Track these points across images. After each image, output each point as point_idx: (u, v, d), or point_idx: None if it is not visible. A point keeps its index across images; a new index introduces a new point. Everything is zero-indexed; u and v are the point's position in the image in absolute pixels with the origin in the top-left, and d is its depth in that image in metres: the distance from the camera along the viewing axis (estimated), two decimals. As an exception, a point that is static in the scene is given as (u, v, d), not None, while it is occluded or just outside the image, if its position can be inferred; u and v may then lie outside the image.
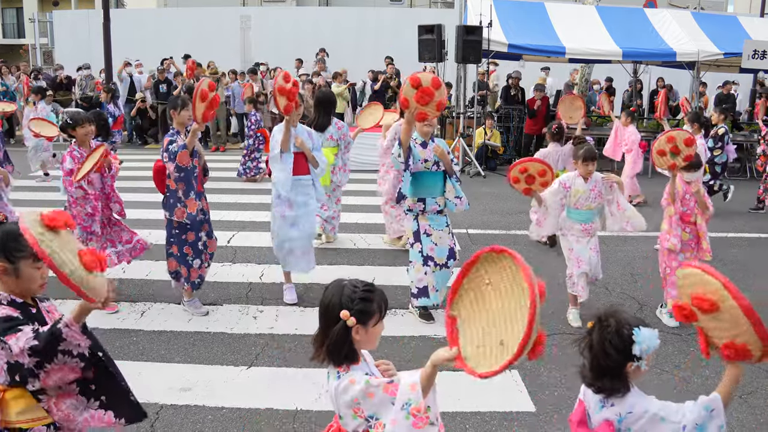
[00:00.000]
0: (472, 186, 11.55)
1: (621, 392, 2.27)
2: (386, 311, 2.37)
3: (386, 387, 2.20)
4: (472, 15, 13.24)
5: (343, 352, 2.28)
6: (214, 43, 19.51)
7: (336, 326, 2.26)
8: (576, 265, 5.56)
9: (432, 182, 5.45)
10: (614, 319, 2.29)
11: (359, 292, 2.28)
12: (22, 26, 38.84)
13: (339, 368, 2.29)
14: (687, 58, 13.20)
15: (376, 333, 2.34)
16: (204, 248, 5.51)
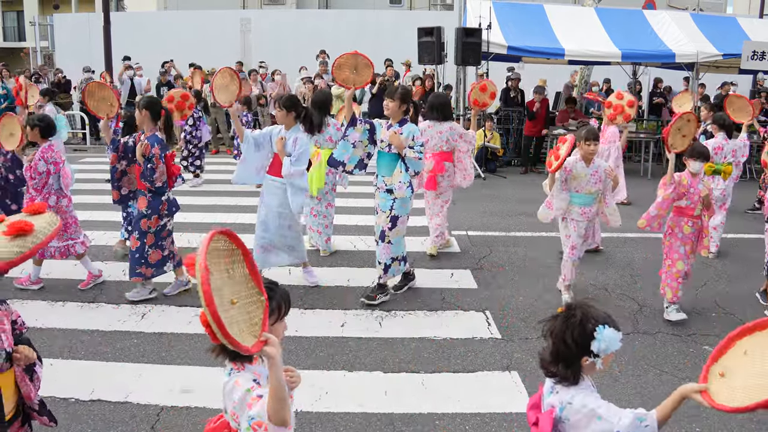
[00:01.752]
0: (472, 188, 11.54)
1: (569, 382, 2.30)
2: (287, 311, 2.29)
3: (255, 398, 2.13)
4: (472, 17, 13.27)
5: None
6: (214, 46, 19.51)
7: None
8: (569, 252, 5.85)
9: (384, 162, 5.92)
10: (581, 311, 2.33)
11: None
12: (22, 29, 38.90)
13: (233, 364, 2.23)
14: (686, 59, 13.21)
15: (275, 332, 2.22)
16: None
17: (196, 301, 5.78)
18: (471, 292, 6.20)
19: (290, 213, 6.09)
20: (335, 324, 5.39)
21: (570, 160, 5.69)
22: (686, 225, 5.57)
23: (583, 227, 5.87)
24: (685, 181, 5.53)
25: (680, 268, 5.56)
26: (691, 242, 5.60)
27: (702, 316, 5.72)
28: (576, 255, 5.88)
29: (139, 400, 4.11)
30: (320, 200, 7.23)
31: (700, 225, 5.61)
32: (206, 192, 10.77)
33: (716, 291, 6.42)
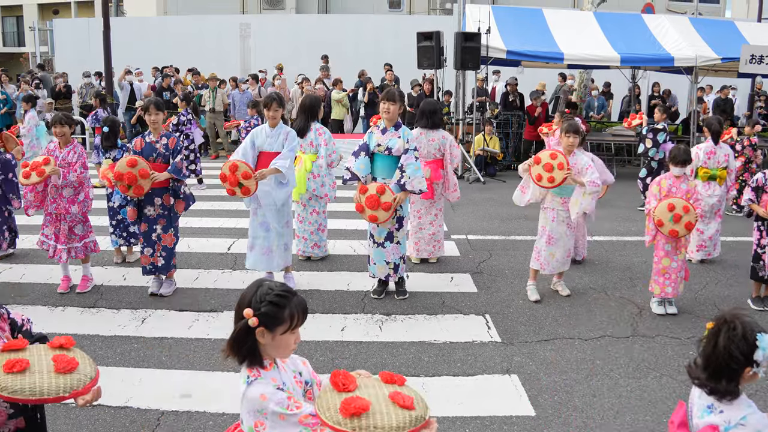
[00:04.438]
0: (472, 192, 11.58)
1: (732, 396, 2.24)
2: (301, 322, 2.29)
3: (302, 419, 2.15)
4: (471, 22, 13.29)
5: (243, 352, 2.23)
6: (214, 51, 19.57)
7: (241, 322, 2.21)
8: (547, 241, 6.09)
9: (383, 164, 6.01)
10: (740, 323, 2.26)
11: (271, 295, 2.22)
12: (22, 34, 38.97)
13: (249, 371, 2.25)
14: (685, 63, 13.23)
15: (285, 342, 2.26)
16: (158, 240, 6.01)
17: (196, 306, 5.82)
18: (471, 296, 6.20)
19: (288, 209, 6.27)
20: (335, 328, 5.40)
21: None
22: None
23: (563, 217, 6.06)
24: (665, 183, 5.76)
25: (665, 264, 5.75)
26: (676, 240, 5.74)
27: (701, 319, 5.72)
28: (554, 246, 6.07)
29: (139, 405, 4.11)
30: (305, 206, 7.23)
31: None
32: (205, 196, 10.78)
33: (715, 294, 6.43)
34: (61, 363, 2.21)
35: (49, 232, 6.17)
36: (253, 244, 6.23)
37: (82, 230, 6.22)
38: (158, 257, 6.04)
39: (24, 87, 16.87)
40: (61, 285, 6.16)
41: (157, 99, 6.23)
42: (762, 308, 5.98)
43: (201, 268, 6.91)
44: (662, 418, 4.04)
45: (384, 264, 6.03)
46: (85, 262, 6.28)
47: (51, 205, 6.12)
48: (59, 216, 6.13)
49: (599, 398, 4.30)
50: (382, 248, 6.01)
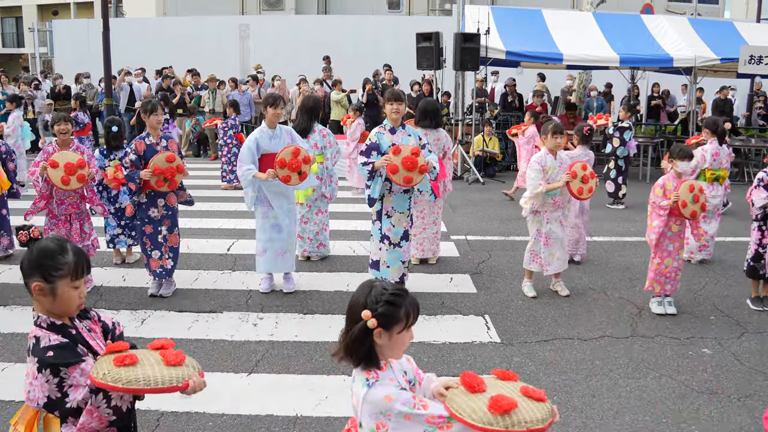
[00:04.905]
0: (471, 193, 11.59)
1: None
2: (415, 320, 2.27)
3: (430, 419, 2.14)
4: (470, 22, 13.30)
5: (361, 354, 2.20)
6: (213, 52, 19.58)
7: (357, 325, 2.19)
8: (545, 243, 6.14)
9: None
10: None
11: (386, 295, 2.20)
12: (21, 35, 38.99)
13: (367, 373, 2.22)
14: (684, 63, 13.25)
15: (401, 341, 2.24)
16: (164, 241, 6.01)
17: (195, 306, 5.83)
18: (470, 297, 6.21)
19: (295, 207, 6.39)
20: (335, 329, 5.40)
21: (540, 155, 6.12)
22: (674, 224, 5.75)
23: (555, 216, 6.15)
24: (670, 185, 5.71)
25: (668, 264, 5.78)
26: (679, 240, 5.79)
27: (700, 320, 5.73)
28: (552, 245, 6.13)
29: (139, 405, 4.07)
30: (310, 207, 7.23)
31: (683, 223, 5.82)
32: (204, 198, 10.78)
33: (715, 294, 6.43)
34: (169, 356, 2.25)
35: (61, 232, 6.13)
36: (266, 248, 6.14)
37: (88, 228, 6.28)
38: (167, 259, 6.04)
39: (23, 88, 16.88)
40: None
41: (148, 100, 6.23)
42: (761, 308, 5.98)
43: (200, 269, 6.91)
44: (662, 419, 4.05)
45: (400, 264, 6.03)
46: None
47: (59, 207, 6.09)
48: (69, 216, 6.14)
49: (599, 398, 4.30)
50: (399, 248, 5.99)
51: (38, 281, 2.24)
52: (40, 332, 2.25)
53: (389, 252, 5.99)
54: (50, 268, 2.25)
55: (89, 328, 2.41)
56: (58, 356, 2.18)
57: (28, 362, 2.24)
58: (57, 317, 2.30)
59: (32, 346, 2.23)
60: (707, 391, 4.42)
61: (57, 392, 2.16)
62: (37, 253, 2.28)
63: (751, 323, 5.68)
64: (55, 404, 2.16)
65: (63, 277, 2.26)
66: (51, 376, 2.15)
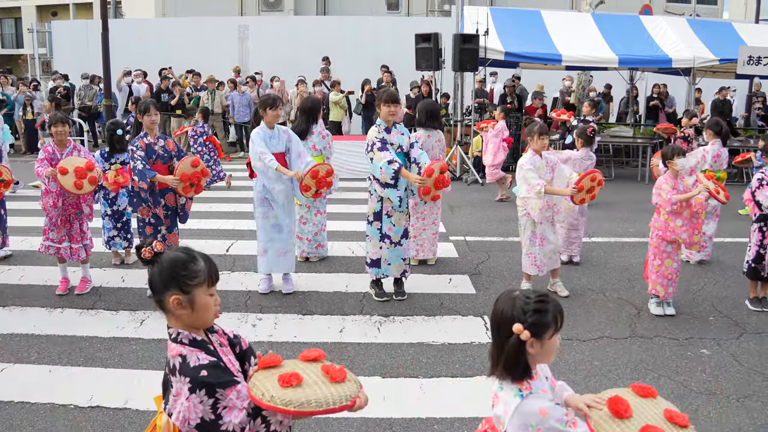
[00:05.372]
0: (470, 193, 11.59)
1: None
2: (562, 322, 2.25)
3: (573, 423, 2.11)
4: (469, 23, 13.31)
5: (516, 368, 2.18)
6: (213, 53, 19.57)
7: (509, 340, 2.16)
8: (539, 244, 6.15)
9: None
10: None
11: (532, 304, 2.17)
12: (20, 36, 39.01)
13: (519, 384, 2.19)
14: (683, 64, 13.28)
15: (552, 346, 2.21)
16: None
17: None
18: (469, 297, 6.21)
19: (295, 208, 6.43)
20: (334, 329, 5.41)
21: (527, 157, 6.14)
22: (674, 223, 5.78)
23: (546, 216, 6.17)
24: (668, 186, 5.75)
25: (669, 265, 5.79)
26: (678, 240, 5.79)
27: (699, 320, 5.74)
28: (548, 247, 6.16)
29: (138, 407, 4.11)
30: (309, 208, 7.23)
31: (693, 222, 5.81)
32: (203, 198, 10.77)
33: (713, 295, 6.44)
34: (333, 373, 2.18)
35: (56, 236, 6.11)
36: (267, 248, 6.16)
37: (86, 228, 6.29)
38: None
39: (22, 89, 16.88)
40: (59, 287, 6.16)
41: (146, 101, 6.24)
42: (760, 309, 5.99)
43: (199, 270, 6.90)
44: (660, 419, 4.05)
45: (401, 261, 6.09)
46: (85, 263, 6.29)
47: (60, 206, 6.09)
48: (69, 216, 6.14)
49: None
50: (399, 246, 6.05)
51: (176, 294, 2.18)
52: (184, 349, 2.17)
53: (390, 250, 6.04)
54: (185, 278, 2.19)
55: (219, 343, 2.34)
56: (212, 376, 2.10)
57: (174, 382, 2.16)
58: (196, 332, 2.23)
59: (179, 365, 2.14)
60: (706, 391, 4.42)
61: (211, 414, 2.08)
62: (168, 265, 2.21)
63: (749, 324, 5.68)
64: (209, 426, 2.08)
65: (199, 285, 2.20)
66: (206, 397, 2.07)
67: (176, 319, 2.22)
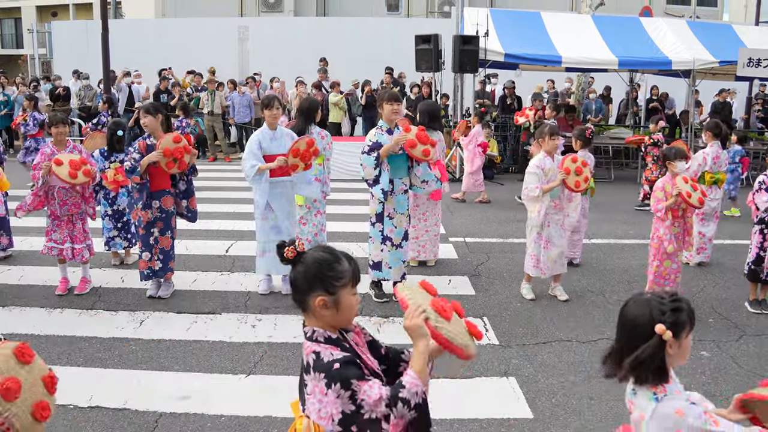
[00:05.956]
0: (469, 194, 11.58)
1: None
2: (694, 321, 2.22)
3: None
4: (469, 25, 13.31)
5: (653, 370, 2.15)
6: (212, 53, 19.55)
7: (649, 342, 2.12)
8: (544, 246, 6.16)
9: (398, 164, 6.05)
10: None
11: (668, 303, 2.15)
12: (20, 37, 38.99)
13: (653, 388, 2.17)
14: (683, 66, 13.27)
15: (687, 345, 2.17)
16: (155, 243, 6.02)
17: (194, 308, 5.82)
18: (469, 299, 6.21)
19: (295, 209, 6.45)
20: (333, 330, 5.40)
21: (538, 158, 6.13)
22: (673, 226, 5.79)
23: (555, 219, 6.17)
24: (669, 187, 5.76)
25: (668, 266, 5.80)
26: (678, 241, 5.82)
27: (699, 322, 5.68)
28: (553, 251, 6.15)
29: (137, 407, 4.11)
30: (309, 209, 7.22)
31: (683, 224, 5.85)
32: (203, 199, 10.77)
33: (713, 297, 6.44)
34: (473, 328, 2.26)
35: (59, 236, 6.12)
36: (265, 249, 6.17)
37: (87, 229, 6.30)
38: (155, 261, 6.04)
39: (22, 89, 16.87)
40: (59, 287, 6.16)
41: (147, 104, 6.24)
42: (759, 311, 5.99)
43: (199, 270, 6.91)
44: (660, 421, 4.05)
45: (401, 264, 6.10)
46: (85, 263, 6.29)
47: (61, 208, 6.09)
48: (71, 217, 6.15)
49: (597, 401, 4.30)
50: (400, 248, 6.07)
51: (322, 295, 2.16)
52: (318, 347, 2.15)
53: (391, 253, 6.05)
54: (332, 278, 2.17)
55: (355, 342, 2.30)
56: (344, 368, 2.08)
57: (308, 380, 2.14)
58: (332, 330, 2.20)
59: (313, 362, 2.13)
60: (705, 393, 4.38)
61: (351, 405, 2.06)
62: (315, 265, 2.20)
63: (749, 326, 5.68)
64: (352, 418, 2.06)
65: (345, 286, 2.18)
66: (342, 390, 2.05)
67: (317, 319, 2.19)
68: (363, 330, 2.37)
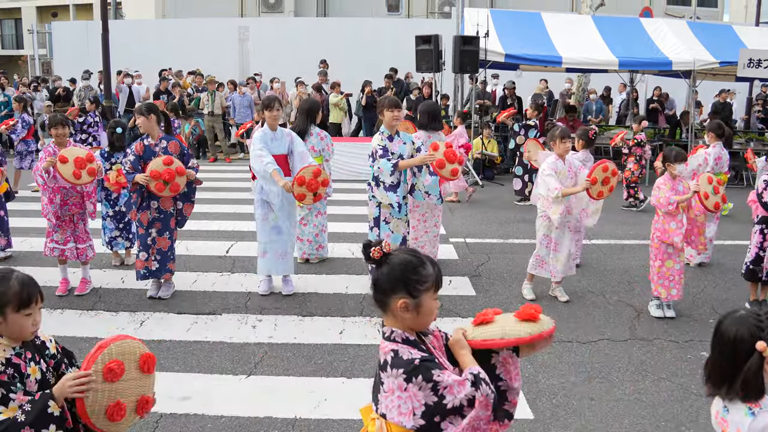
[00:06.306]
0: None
1: None
2: None
3: None
4: (469, 25, 13.30)
5: (758, 387, 2.13)
6: (213, 54, 19.57)
7: (751, 360, 2.10)
8: (553, 249, 6.13)
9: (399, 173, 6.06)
10: None
11: (766, 320, 2.14)
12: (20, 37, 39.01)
13: (749, 403, 2.16)
14: (683, 67, 13.27)
15: None
16: (152, 243, 5.99)
17: (194, 308, 5.82)
18: (469, 300, 6.21)
19: (296, 210, 6.42)
20: (334, 331, 5.40)
21: (550, 161, 6.10)
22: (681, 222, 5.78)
23: (564, 222, 6.12)
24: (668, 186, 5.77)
25: (670, 266, 5.78)
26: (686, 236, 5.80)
27: (699, 323, 5.74)
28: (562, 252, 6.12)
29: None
30: (310, 209, 7.23)
31: (694, 222, 5.89)
32: (203, 200, 10.77)
33: (713, 297, 6.44)
34: (523, 314, 2.28)
35: (60, 237, 6.12)
36: (266, 250, 6.16)
37: (89, 228, 6.30)
38: (152, 261, 6.02)
39: (22, 89, 16.88)
40: (59, 287, 6.16)
41: (141, 105, 6.23)
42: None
43: (199, 271, 6.91)
44: (660, 422, 4.05)
45: None
46: (85, 264, 6.29)
47: (62, 208, 6.09)
48: (73, 216, 6.15)
49: (597, 401, 4.30)
50: None
51: (404, 297, 2.16)
52: (396, 345, 2.17)
53: None
54: (416, 282, 2.17)
55: (432, 345, 2.30)
56: (424, 362, 2.11)
57: (385, 378, 2.15)
58: (410, 332, 2.21)
59: (391, 360, 2.14)
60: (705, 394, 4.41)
61: (434, 396, 2.07)
62: (400, 267, 2.20)
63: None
64: (435, 410, 2.07)
65: (427, 290, 2.19)
66: (424, 383, 2.07)
67: (397, 321, 2.20)
68: (442, 333, 2.38)
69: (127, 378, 2.35)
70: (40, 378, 2.34)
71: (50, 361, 2.47)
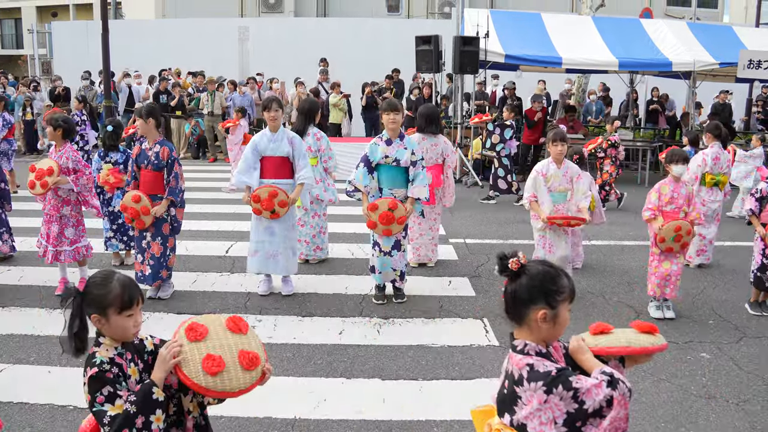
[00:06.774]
0: (470, 195, 11.60)
1: None
2: None
3: None
4: (469, 26, 13.31)
5: None
6: (213, 54, 19.57)
7: None
8: (548, 250, 6.07)
9: (391, 175, 6.05)
10: None
11: None
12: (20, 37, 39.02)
13: None
14: (683, 67, 13.28)
15: None
16: (147, 247, 6.00)
17: (194, 308, 5.82)
18: (469, 300, 6.21)
19: (293, 212, 6.30)
20: (333, 331, 5.40)
21: (543, 163, 6.11)
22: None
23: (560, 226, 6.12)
24: (666, 189, 5.77)
25: (666, 267, 5.77)
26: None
27: (699, 324, 5.74)
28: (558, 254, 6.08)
29: (137, 408, 4.10)
30: (306, 211, 7.22)
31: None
32: (203, 199, 10.78)
33: (713, 298, 6.44)
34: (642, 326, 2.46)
35: (43, 231, 6.18)
36: (257, 249, 6.14)
37: (73, 234, 6.16)
38: (146, 266, 6.00)
39: (22, 89, 16.87)
40: (58, 287, 6.15)
41: (140, 108, 6.20)
42: (760, 313, 5.98)
43: (199, 271, 6.91)
44: (659, 423, 4.05)
45: (389, 270, 6.06)
46: (83, 265, 6.28)
47: (47, 206, 6.13)
48: (51, 217, 6.13)
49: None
50: (389, 257, 6.03)
51: (544, 308, 2.19)
52: (530, 359, 2.18)
53: (380, 258, 6.03)
54: (555, 293, 2.20)
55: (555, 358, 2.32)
56: (561, 372, 2.13)
57: (521, 392, 2.16)
58: (542, 344, 2.24)
59: (527, 374, 2.15)
60: (705, 395, 4.42)
61: (574, 404, 2.10)
62: (539, 278, 2.22)
63: (749, 328, 5.68)
64: (576, 416, 2.10)
65: (564, 301, 2.22)
66: (564, 392, 2.09)
67: (532, 333, 2.23)
68: (561, 343, 2.40)
69: (214, 336, 2.43)
70: (138, 379, 2.40)
71: (148, 358, 2.50)
